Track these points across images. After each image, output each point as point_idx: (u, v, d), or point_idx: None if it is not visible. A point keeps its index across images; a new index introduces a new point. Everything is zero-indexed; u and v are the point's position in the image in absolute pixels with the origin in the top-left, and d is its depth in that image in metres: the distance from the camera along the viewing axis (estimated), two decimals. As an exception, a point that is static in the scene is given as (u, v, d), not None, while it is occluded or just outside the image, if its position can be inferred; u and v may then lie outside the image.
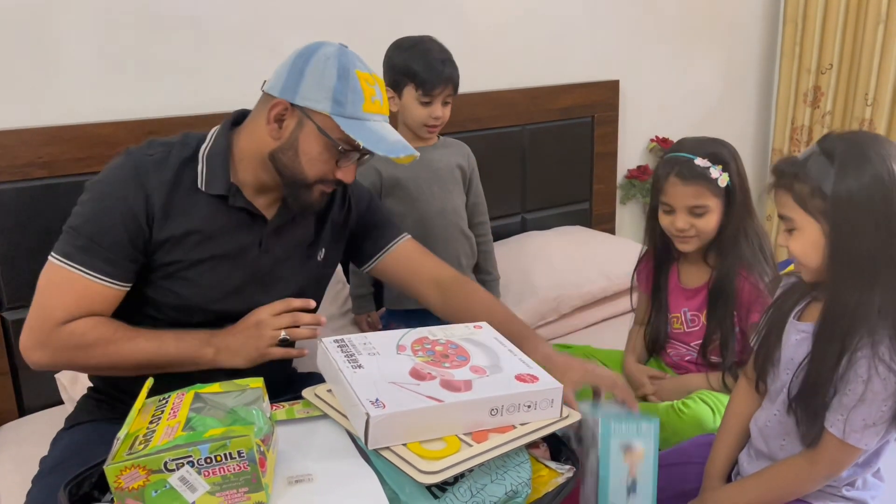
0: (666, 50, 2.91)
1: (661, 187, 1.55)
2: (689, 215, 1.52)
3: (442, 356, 1.10)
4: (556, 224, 2.63)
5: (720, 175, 1.49)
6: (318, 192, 1.30)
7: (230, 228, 1.30)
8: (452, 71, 1.77)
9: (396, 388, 0.99)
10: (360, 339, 1.12)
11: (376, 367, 1.04)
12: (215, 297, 1.30)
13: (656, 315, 1.68)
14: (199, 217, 1.27)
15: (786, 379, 1.14)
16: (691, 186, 1.50)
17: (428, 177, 1.84)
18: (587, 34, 2.67)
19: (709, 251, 1.59)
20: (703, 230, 1.53)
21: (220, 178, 1.27)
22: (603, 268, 2.26)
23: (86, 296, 1.22)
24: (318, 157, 1.25)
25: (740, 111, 3.25)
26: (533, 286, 2.16)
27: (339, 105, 1.22)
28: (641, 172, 2.87)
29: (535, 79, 2.54)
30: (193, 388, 1.00)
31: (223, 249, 1.29)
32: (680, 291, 1.64)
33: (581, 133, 2.66)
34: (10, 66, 1.73)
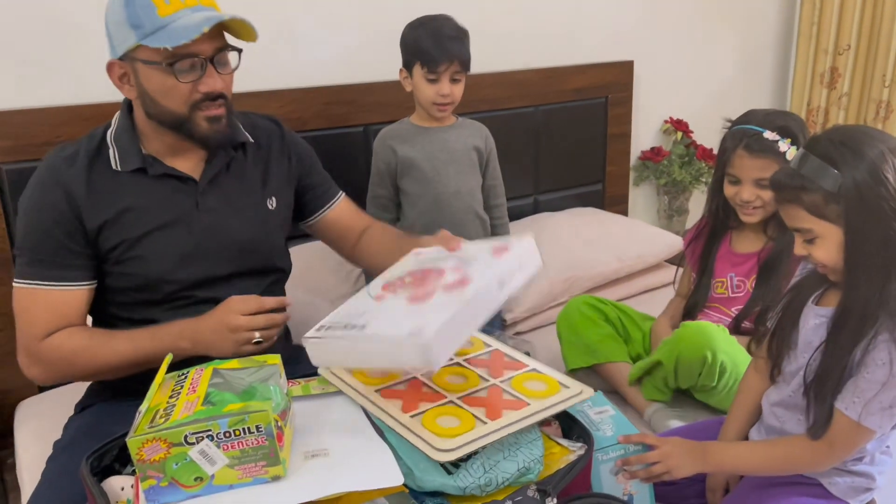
0: (681, 30, 2.89)
1: (728, 159, 1.56)
2: (756, 187, 1.53)
3: (419, 280, 1.09)
4: (568, 205, 2.63)
5: (788, 149, 1.50)
6: (203, 119, 1.27)
7: (161, 198, 1.31)
8: (459, 47, 1.76)
9: (414, 313, 0.98)
10: (335, 314, 1.09)
11: (379, 318, 1.02)
12: (171, 267, 1.31)
13: (700, 279, 1.69)
14: (126, 195, 1.29)
15: (802, 362, 1.14)
16: (759, 159, 1.51)
17: (444, 157, 1.85)
18: (601, 14, 2.65)
19: (769, 221, 1.60)
20: (768, 202, 1.54)
21: (131, 154, 1.30)
22: (615, 249, 2.27)
23: (54, 306, 1.26)
24: (165, 86, 1.24)
25: (755, 92, 3.22)
26: (545, 266, 2.14)
27: (138, 29, 1.20)
28: (655, 154, 2.85)
29: (549, 59, 2.53)
30: (212, 364, 1.01)
31: (162, 219, 1.31)
32: (730, 257, 1.65)
33: (595, 114, 2.65)
34: (28, 46, 1.74)
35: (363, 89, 2.12)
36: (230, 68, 1.30)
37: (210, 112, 1.27)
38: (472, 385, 1.09)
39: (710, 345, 1.47)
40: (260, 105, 1.89)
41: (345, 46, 2.14)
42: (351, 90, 2.11)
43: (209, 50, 1.23)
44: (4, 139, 1.68)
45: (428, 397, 1.05)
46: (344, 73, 2.12)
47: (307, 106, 2.04)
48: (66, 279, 1.26)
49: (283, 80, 2.03)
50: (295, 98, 2.02)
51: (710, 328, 1.50)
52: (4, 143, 1.68)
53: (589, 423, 1.14)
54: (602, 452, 1.11)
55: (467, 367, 1.15)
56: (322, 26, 1.92)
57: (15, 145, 1.69)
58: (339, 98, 1.95)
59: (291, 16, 2.04)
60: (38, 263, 1.26)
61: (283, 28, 2.03)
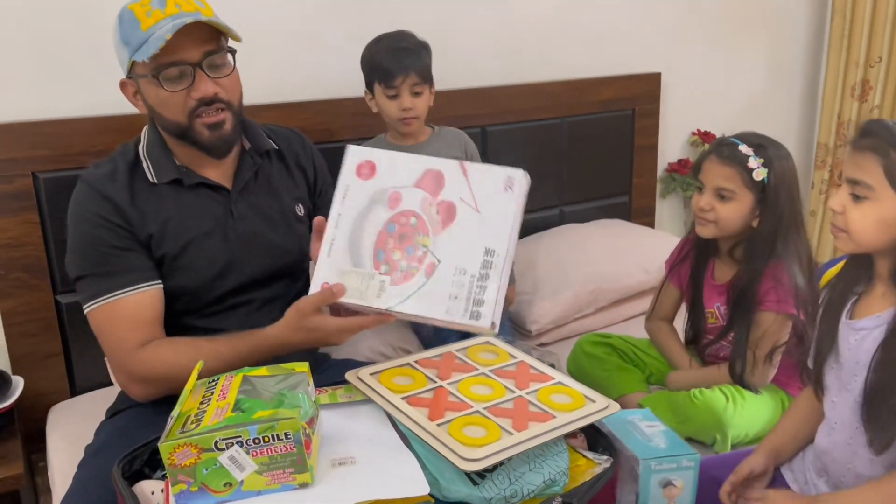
0: (709, 42, 2.87)
1: (699, 165, 1.56)
2: (714, 196, 1.51)
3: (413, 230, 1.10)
4: (594, 217, 2.62)
5: (758, 167, 1.48)
6: (202, 126, 1.28)
7: (198, 208, 1.34)
8: (415, 59, 1.73)
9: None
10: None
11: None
12: (211, 276, 1.34)
13: (693, 308, 1.68)
14: (166, 207, 1.31)
15: (854, 384, 1.11)
16: (725, 167, 1.50)
17: None
18: (628, 26, 2.65)
19: (736, 247, 1.58)
20: (722, 216, 1.51)
21: (166, 166, 1.32)
22: (641, 261, 2.26)
23: (134, 313, 1.27)
24: (159, 98, 1.26)
25: (785, 104, 3.19)
26: (570, 278, 2.16)
27: (129, 45, 1.24)
28: (682, 166, 2.84)
29: (576, 71, 2.53)
30: (242, 371, 1.03)
31: (200, 229, 1.33)
32: (713, 286, 1.64)
33: (621, 126, 2.65)
34: (65, 56, 1.78)
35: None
36: (225, 71, 1.29)
37: (208, 119, 1.28)
38: (499, 396, 1.09)
39: (721, 427, 1.49)
40: (288, 116, 1.92)
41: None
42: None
43: (196, 55, 1.24)
44: (41, 149, 1.72)
45: (454, 406, 1.05)
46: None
47: (334, 117, 2.06)
48: (136, 282, 1.27)
49: (310, 91, 2.06)
50: (323, 109, 2.05)
51: (719, 406, 1.48)
52: (41, 153, 1.72)
53: (642, 436, 1.14)
54: (656, 462, 1.10)
55: (493, 377, 1.15)
56: (350, 38, 1.94)
57: (51, 155, 1.73)
58: (366, 109, 1.97)
59: (320, 27, 2.07)
60: (104, 276, 1.26)
61: (312, 39, 2.06)
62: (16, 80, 1.75)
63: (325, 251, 1.11)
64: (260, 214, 1.40)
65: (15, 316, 1.77)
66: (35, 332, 1.79)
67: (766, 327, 1.52)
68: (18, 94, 1.75)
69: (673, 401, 1.56)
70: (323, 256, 1.11)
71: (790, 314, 1.50)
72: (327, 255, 1.11)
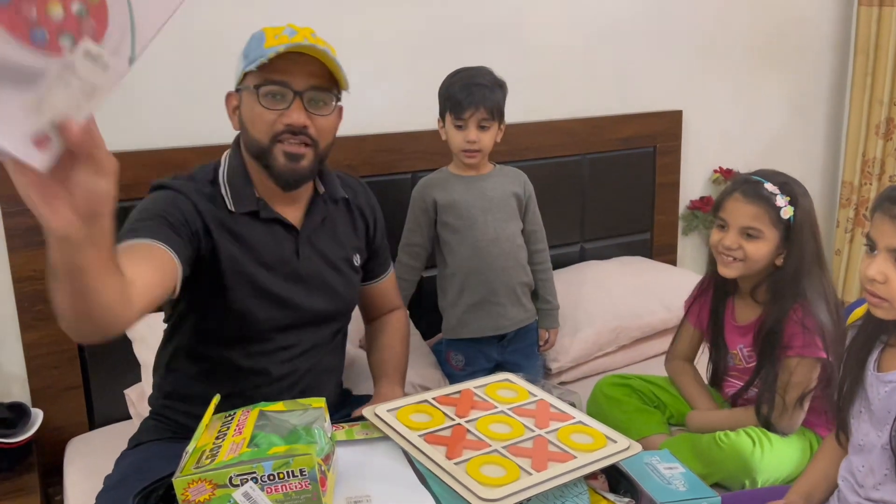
0: (730, 79, 2.88)
1: (721, 203, 1.53)
2: (741, 235, 1.49)
3: None
4: (616, 254, 2.60)
5: (785, 205, 1.46)
6: (281, 152, 1.27)
7: (268, 241, 1.34)
8: (488, 94, 1.76)
9: None
10: None
11: None
12: (261, 307, 1.33)
13: (714, 350, 1.65)
14: (237, 234, 1.31)
15: (884, 432, 1.09)
16: (752, 206, 1.47)
17: (482, 205, 1.85)
18: (650, 63, 2.66)
19: (758, 287, 1.55)
20: (750, 255, 1.48)
21: (245, 196, 1.32)
22: (664, 299, 2.23)
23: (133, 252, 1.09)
24: (253, 112, 1.27)
25: (808, 142, 3.17)
26: (591, 316, 2.14)
27: (246, 58, 1.27)
28: (704, 203, 2.82)
29: (597, 108, 2.54)
30: (258, 406, 1.02)
31: (264, 260, 1.33)
32: (734, 328, 1.61)
33: (643, 163, 2.64)
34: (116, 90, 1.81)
35: (410, 137, 2.16)
36: (324, 110, 1.30)
37: (289, 147, 1.27)
38: (518, 435, 1.07)
39: (749, 472, 1.45)
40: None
41: (394, 94, 2.18)
42: (398, 138, 2.15)
43: (301, 84, 1.26)
44: (68, 182, 1.75)
45: (472, 445, 1.04)
46: (393, 121, 2.16)
47: (356, 153, 2.08)
48: (158, 240, 1.15)
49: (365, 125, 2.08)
50: (345, 145, 2.06)
51: (746, 450, 1.45)
52: (68, 187, 1.75)
53: (661, 479, 1.11)
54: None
55: (512, 416, 1.13)
56: (373, 75, 1.97)
57: (78, 188, 1.75)
58: (387, 146, 1.99)
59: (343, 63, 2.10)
60: (138, 231, 1.16)
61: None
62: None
63: None
64: (324, 258, 1.41)
65: (37, 348, 1.78)
66: (56, 365, 1.80)
67: (795, 372, 1.48)
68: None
69: (697, 444, 1.52)
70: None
71: (819, 358, 1.47)
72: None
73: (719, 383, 1.66)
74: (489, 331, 1.87)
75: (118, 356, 1.80)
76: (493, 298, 1.85)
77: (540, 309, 1.98)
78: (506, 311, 1.87)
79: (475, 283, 1.84)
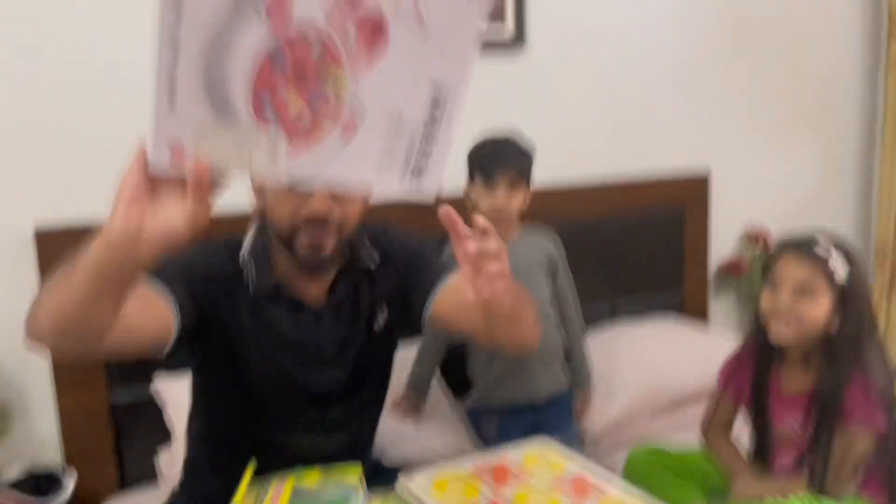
0: (758, 140, 2.88)
1: (772, 264, 1.48)
2: (794, 294, 1.43)
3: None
4: (646, 317, 2.57)
5: (840, 267, 1.43)
6: (303, 241, 1.22)
7: (287, 321, 1.30)
8: (516, 159, 1.76)
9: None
10: None
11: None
12: (280, 387, 1.31)
13: (758, 424, 1.59)
14: (257, 314, 1.28)
15: None
16: (805, 266, 1.42)
17: (511, 270, 1.83)
18: (677, 123, 2.67)
19: (810, 354, 1.49)
20: (805, 317, 1.42)
21: (265, 277, 1.28)
22: (698, 363, 2.19)
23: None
24: (277, 197, 1.23)
25: (839, 202, 3.15)
26: (625, 380, 2.11)
27: None
28: (735, 266, 2.80)
29: (624, 169, 2.55)
30: (292, 476, 1.01)
31: (282, 340, 1.29)
32: (782, 400, 1.54)
33: (671, 224, 2.64)
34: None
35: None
36: (349, 195, 1.23)
37: (311, 238, 1.23)
38: (556, 508, 1.05)
39: None
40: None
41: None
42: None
43: None
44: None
45: (510, 520, 1.01)
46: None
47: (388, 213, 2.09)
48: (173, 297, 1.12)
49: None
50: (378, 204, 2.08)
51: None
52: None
53: None
54: None
55: (551, 489, 1.11)
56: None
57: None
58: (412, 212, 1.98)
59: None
60: (156, 273, 1.12)
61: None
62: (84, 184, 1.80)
63: (164, 95, 0.67)
64: (346, 335, 1.35)
65: (71, 412, 1.79)
66: (89, 428, 1.81)
67: (854, 444, 1.42)
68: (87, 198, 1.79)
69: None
70: (161, 105, 0.68)
71: (880, 431, 1.42)
72: (169, 104, 0.67)
73: (766, 456, 1.60)
74: (522, 399, 1.85)
75: (151, 417, 1.80)
76: (524, 365, 1.83)
77: (574, 373, 1.95)
78: (538, 378, 1.85)
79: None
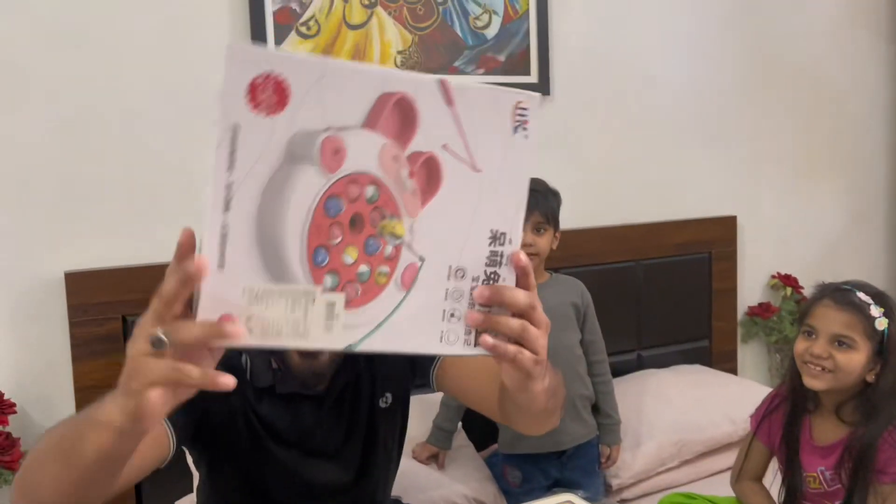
0: (785, 184, 2.86)
1: (809, 310, 1.46)
2: (831, 344, 1.41)
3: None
4: (673, 362, 2.53)
5: (880, 316, 1.40)
6: (294, 352, 1.14)
7: (286, 414, 1.21)
8: (542, 200, 1.76)
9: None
10: None
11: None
12: (281, 483, 1.23)
13: (790, 473, 1.55)
14: (256, 408, 1.20)
15: None
16: (844, 314, 1.40)
17: None
18: (703, 168, 2.67)
19: (844, 404, 1.46)
20: (841, 367, 1.39)
21: (263, 370, 1.20)
22: (727, 410, 2.14)
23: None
24: None
25: (867, 245, 3.10)
26: (652, 428, 2.06)
27: None
28: (764, 310, 2.75)
29: (650, 214, 2.54)
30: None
31: (281, 436, 1.22)
32: (814, 449, 1.51)
33: (698, 269, 2.61)
34: (157, 203, 1.90)
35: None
36: None
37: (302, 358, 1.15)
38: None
39: None
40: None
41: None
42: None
43: None
44: (135, 292, 1.80)
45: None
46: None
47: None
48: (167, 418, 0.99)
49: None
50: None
51: None
52: (135, 296, 1.80)
53: None
54: None
55: (579, 544, 1.07)
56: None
57: (144, 298, 1.77)
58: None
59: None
60: None
61: None
62: (113, 229, 1.86)
63: (215, 257, 0.64)
64: (349, 423, 1.27)
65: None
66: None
67: (888, 500, 1.39)
68: (115, 241, 1.86)
69: None
70: (212, 267, 0.64)
71: None
72: (219, 266, 0.64)
73: None
74: (548, 447, 1.81)
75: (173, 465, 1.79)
76: (551, 413, 1.80)
77: (601, 424, 1.91)
78: (565, 426, 1.81)
79: None
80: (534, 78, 2.31)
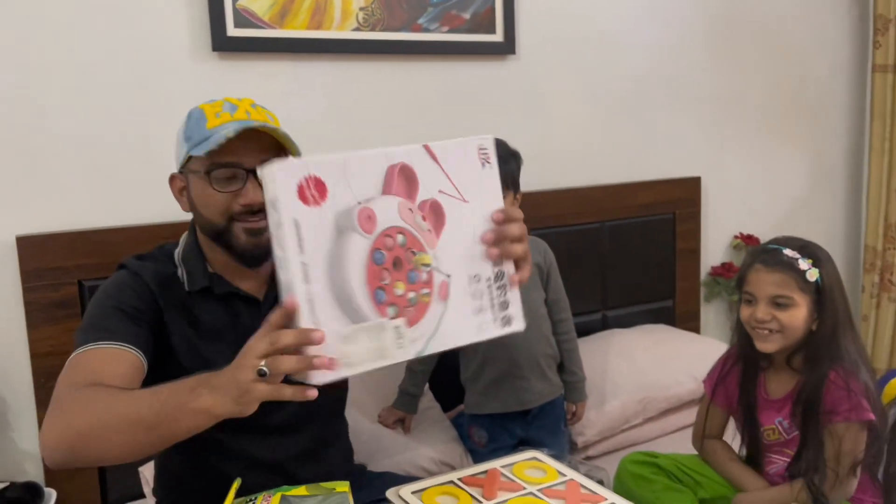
0: (749, 144, 2.88)
1: (744, 276, 1.50)
2: (771, 306, 1.45)
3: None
4: (638, 322, 2.56)
5: (809, 268, 1.43)
6: (242, 230, 1.21)
7: (224, 316, 1.27)
8: (501, 165, 1.73)
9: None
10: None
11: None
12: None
13: (746, 429, 1.59)
14: (195, 315, 1.26)
15: None
16: (776, 274, 1.44)
17: None
18: (668, 130, 2.67)
19: (794, 356, 1.50)
20: (786, 325, 1.44)
21: (198, 273, 1.27)
22: (690, 368, 2.17)
23: (97, 365, 1.10)
24: (204, 195, 1.21)
25: (829, 207, 3.15)
26: (616, 387, 2.09)
27: (189, 140, 1.21)
28: (726, 269, 2.79)
29: (615, 175, 2.54)
30: (280, 491, 0.99)
31: (220, 337, 1.26)
32: (768, 403, 1.55)
33: (663, 229, 2.63)
34: (112, 166, 1.84)
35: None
36: None
37: (249, 224, 1.22)
38: (549, 519, 1.03)
39: None
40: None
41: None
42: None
43: (253, 161, 1.18)
44: (91, 256, 1.76)
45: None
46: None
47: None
48: (120, 340, 1.14)
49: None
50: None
51: None
52: (90, 261, 1.75)
53: None
54: None
55: (541, 497, 1.09)
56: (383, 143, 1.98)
57: (100, 263, 1.76)
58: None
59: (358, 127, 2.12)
60: (98, 329, 1.15)
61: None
62: (66, 191, 1.81)
63: (307, 317, 0.86)
64: None
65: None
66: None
67: (844, 439, 1.43)
68: (69, 204, 1.81)
69: None
70: (307, 325, 0.86)
71: (867, 420, 1.42)
72: (314, 323, 0.86)
73: (758, 461, 1.59)
74: (513, 406, 1.82)
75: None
76: (516, 372, 1.81)
77: (566, 381, 1.93)
78: (530, 385, 1.83)
79: (497, 356, 1.81)
80: (499, 37, 2.27)
